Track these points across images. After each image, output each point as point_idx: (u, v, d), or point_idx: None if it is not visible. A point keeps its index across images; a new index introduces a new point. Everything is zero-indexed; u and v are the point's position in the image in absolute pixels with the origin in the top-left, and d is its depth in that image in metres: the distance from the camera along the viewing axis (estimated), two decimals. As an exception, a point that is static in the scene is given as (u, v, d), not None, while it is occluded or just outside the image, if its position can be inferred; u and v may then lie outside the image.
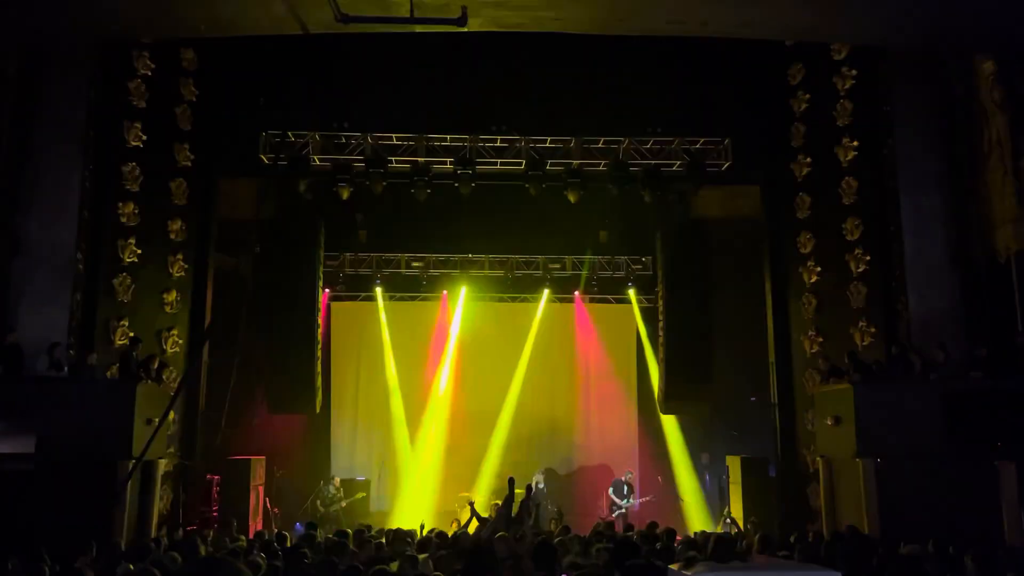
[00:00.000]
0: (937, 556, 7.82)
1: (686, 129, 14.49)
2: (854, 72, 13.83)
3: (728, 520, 14.30)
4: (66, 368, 11.49)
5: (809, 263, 13.92)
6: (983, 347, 12.03)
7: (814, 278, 13.86)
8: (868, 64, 13.81)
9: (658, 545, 8.69)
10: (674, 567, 3.70)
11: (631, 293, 17.80)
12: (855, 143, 13.76)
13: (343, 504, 15.04)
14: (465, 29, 10.59)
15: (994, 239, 12.34)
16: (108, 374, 12.10)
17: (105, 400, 10.98)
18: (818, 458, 12.79)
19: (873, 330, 13.29)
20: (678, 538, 9.65)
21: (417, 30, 11.62)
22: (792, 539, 9.41)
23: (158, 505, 11.98)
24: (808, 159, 14.10)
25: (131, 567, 6.80)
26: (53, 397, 10.70)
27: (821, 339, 13.66)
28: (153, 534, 11.21)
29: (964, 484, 10.77)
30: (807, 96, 14.15)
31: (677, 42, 13.24)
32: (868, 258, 13.53)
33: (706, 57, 13.64)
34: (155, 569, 6.05)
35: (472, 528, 12.15)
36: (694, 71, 13.91)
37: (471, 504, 13.06)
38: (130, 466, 10.48)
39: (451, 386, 17.58)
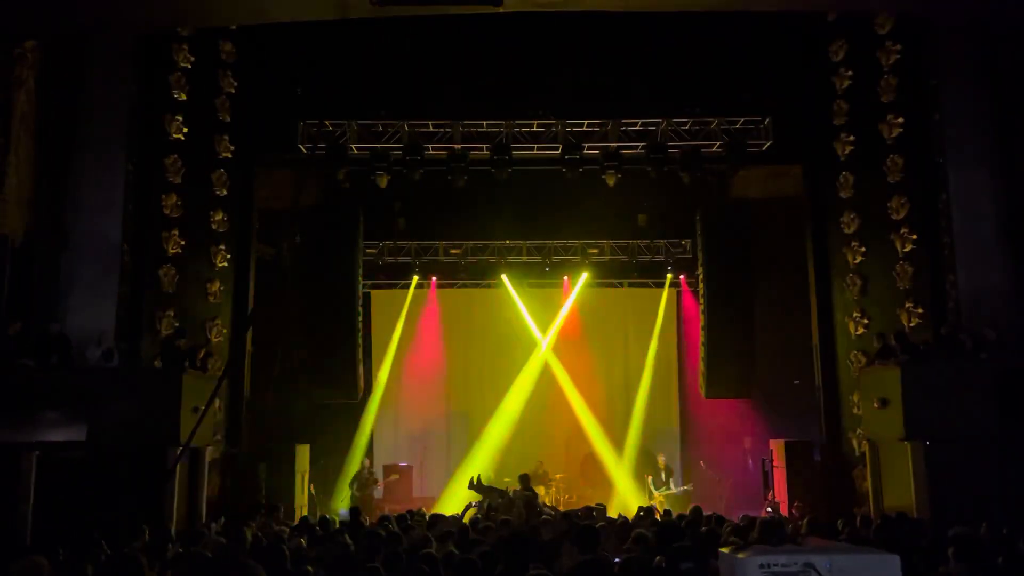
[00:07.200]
0: (991, 539, 7.63)
1: (725, 109, 14.25)
2: (898, 47, 13.41)
3: (770, 507, 14.12)
4: (115, 358, 11.72)
5: (853, 243, 13.62)
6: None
7: (859, 258, 13.56)
8: (913, 38, 13.38)
9: (703, 529, 8.62)
10: (724, 551, 3.63)
11: (671, 277, 17.63)
12: (900, 119, 13.36)
13: (376, 484, 15.23)
14: (500, 10, 10.55)
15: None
16: (155, 364, 12.31)
17: (153, 389, 11.15)
18: (864, 441, 12.56)
19: (920, 311, 12.94)
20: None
21: (452, 12, 11.59)
22: (840, 523, 9.26)
23: (206, 492, 12.18)
24: (851, 137, 13.75)
25: (180, 550, 6.92)
26: (103, 386, 10.89)
27: (867, 320, 13.37)
28: (203, 520, 11.41)
29: (1017, 465, 10.51)
30: (849, 72, 13.78)
31: (715, 19, 13.03)
32: (915, 237, 13.14)
33: (745, 35, 13.38)
34: (206, 551, 6.16)
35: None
36: (732, 49, 13.64)
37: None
38: (178, 453, 10.67)
39: (491, 372, 17.61)
